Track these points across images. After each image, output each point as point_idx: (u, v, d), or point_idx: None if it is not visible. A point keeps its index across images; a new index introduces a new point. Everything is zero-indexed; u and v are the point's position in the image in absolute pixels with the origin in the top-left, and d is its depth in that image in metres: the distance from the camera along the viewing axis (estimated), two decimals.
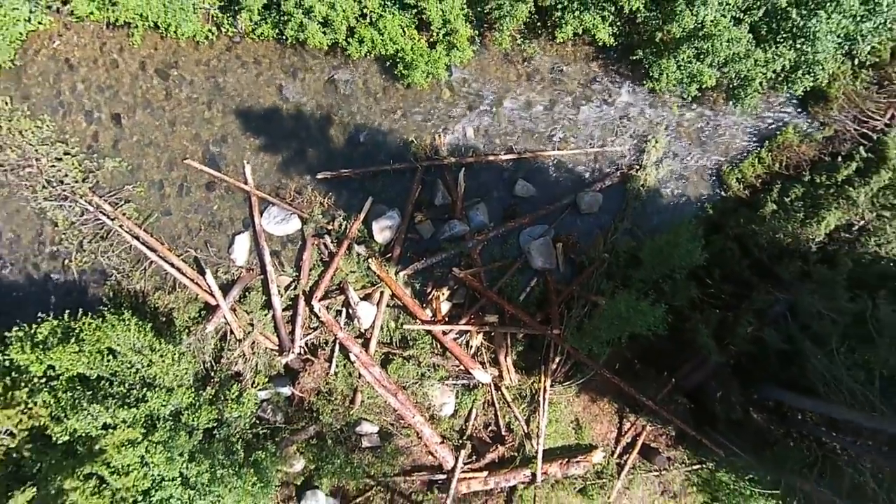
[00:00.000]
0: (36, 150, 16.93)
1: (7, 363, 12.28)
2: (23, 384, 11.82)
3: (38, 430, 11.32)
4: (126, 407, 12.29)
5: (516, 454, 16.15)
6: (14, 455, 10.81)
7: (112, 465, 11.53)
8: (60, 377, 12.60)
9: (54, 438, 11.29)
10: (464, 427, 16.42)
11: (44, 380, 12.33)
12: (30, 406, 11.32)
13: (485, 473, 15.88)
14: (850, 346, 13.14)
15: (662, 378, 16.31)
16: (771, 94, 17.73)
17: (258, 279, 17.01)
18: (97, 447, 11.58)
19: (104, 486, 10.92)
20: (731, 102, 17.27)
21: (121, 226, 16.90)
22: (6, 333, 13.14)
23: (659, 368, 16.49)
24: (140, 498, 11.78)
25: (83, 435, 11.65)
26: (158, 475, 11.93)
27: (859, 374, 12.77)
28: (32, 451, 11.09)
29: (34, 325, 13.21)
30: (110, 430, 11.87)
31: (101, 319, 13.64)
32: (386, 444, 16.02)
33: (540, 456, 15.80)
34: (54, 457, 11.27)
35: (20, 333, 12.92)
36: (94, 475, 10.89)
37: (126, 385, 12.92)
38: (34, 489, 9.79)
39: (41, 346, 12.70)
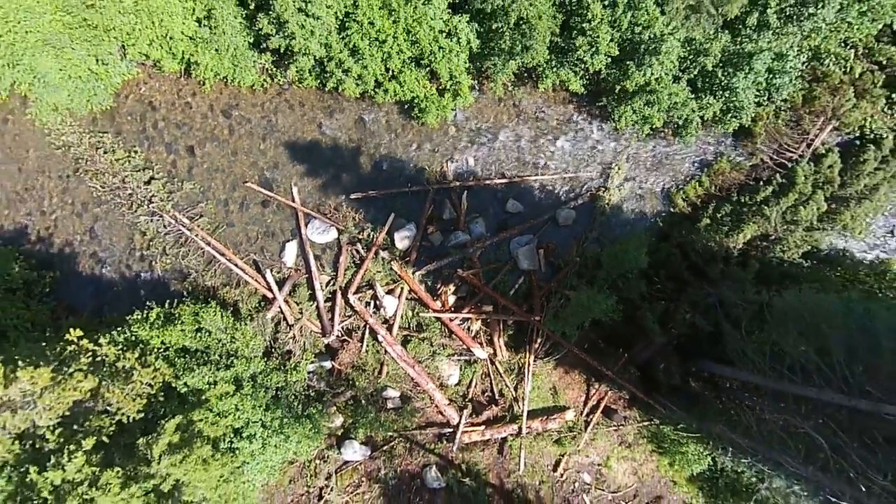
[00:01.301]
0: (130, 176, 21.53)
1: (134, 338, 16.82)
2: (149, 353, 16.37)
3: (165, 384, 15.84)
4: (221, 370, 16.90)
5: (507, 413, 20.77)
6: (152, 401, 15.31)
7: (214, 410, 16.12)
8: (170, 348, 17.20)
9: (178, 389, 15.87)
10: (466, 392, 21.02)
11: (161, 350, 16.89)
12: (157, 367, 15.85)
13: (482, 428, 20.48)
14: (754, 329, 17.71)
15: (619, 354, 20.96)
16: (709, 130, 22.28)
17: (304, 277, 21.59)
18: (203, 397, 16.17)
19: (216, 421, 15.47)
20: (676, 138, 21.90)
21: (196, 235, 21.47)
22: (127, 317, 17.71)
23: (617, 347, 21.11)
24: (233, 434, 16.41)
25: (194, 388, 16.23)
26: (246, 418, 16.54)
27: (758, 349, 17.35)
28: (164, 398, 15.63)
29: (145, 311, 17.81)
30: (212, 386, 16.45)
31: (193, 306, 18.25)
32: (405, 405, 20.61)
33: (525, 414, 20.40)
34: (176, 402, 15.84)
35: (138, 317, 17.50)
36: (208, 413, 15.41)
37: (217, 355, 17.51)
38: (178, 418, 14.26)
39: (154, 326, 17.30)
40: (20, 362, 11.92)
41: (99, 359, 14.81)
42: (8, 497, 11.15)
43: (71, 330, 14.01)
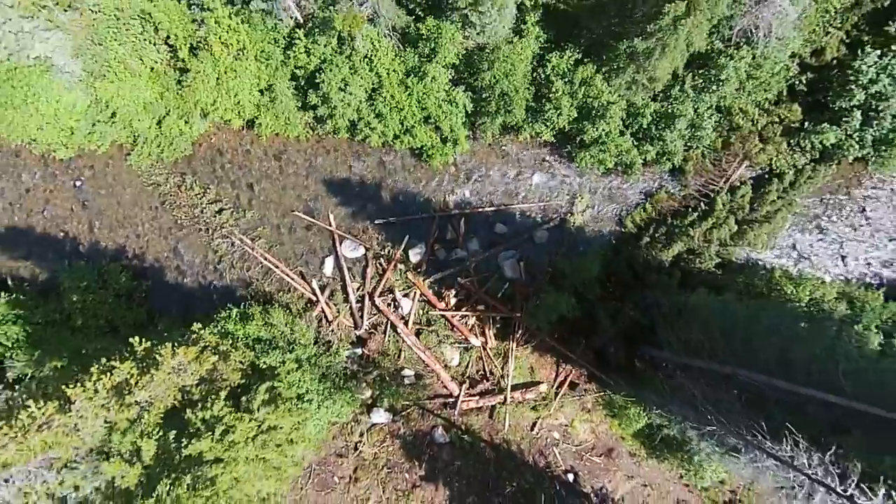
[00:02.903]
0: (205, 207, 28.01)
1: (224, 330, 23.25)
2: (237, 341, 22.81)
3: (251, 362, 22.27)
4: (286, 353, 23.35)
5: (495, 387, 27.24)
6: (246, 373, 21.73)
7: (285, 381, 22.55)
8: (249, 338, 23.64)
9: (260, 366, 22.32)
10: (464, 371, 27.51)
11: (243, 339, 23.34)
12: (244, 351, 22.29)
13: (477, 398, 26.95)
14: (676, 322, 24.12)
15: (580, 342, 27.45)
16: (650, 169, 28.70)
17: (339, 285, 28.08)
18: (277, 372, 22.61)
19: (288, 388, 21.88)
20: (624, 175, 28.38)
21: (256, 252, 27.95)
22: (214, 315, 24.13)
23: (579, 336, 27.56)
24: (297, 398, 22.84)
25: (270, 366, 22.67)
26: (306, 387, 22.97)
27: (677, 336, 23.78)
28: (251, 372, 22.06)
29: (227, 311, 24.24)
30: (282, 364, 22.88)
31: (262, 307, 24.73)
32: (419, 381, 27.10)
33: (509, 388, 26.87)
34: (258, 376, 22.29)
35: (224, 315, 23.94)
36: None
37: (282, 343, 23.98)
38: (266, 384, 20.58)
39: (236, 322, 23.74)
40: (171, 345, 18.27)
41: (206, 343, 21.26)
42: (173, 428, 17.49)
43: (194, 324, 20.46)
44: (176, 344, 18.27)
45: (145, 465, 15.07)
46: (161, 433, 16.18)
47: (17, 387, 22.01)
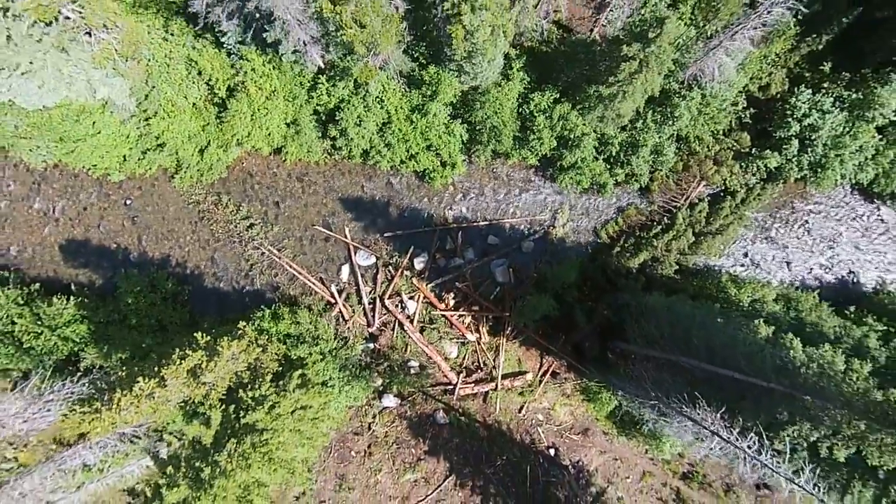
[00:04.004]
0: (238, 222, 32.58)
1: (261, 329, 27.75)
2: (271, 336, 27.34)
3: (284, 355, 26.79)
4: (312, 346, 27.88)
5: (488, 376, 31.79)
6: (280, 363, 26.22)
7: (312, 370, 27.10)
8: (280, 334, 28.19)
9: (291, 357, 26.86)
10: (461, 363, 32.07)
11: (276, 335, 27.88)
12: (277, 345, 26.80)
13: (472, 385, 31.51)
14: (640, 319, 28.69)
15: (561, 337, 32.01)
16: (622, 188, 33.28)
17: (354, 289, 32.64)
18: (305, 362, 27.17)
19: (315, 375, 26.41)
20: (599, 194, 32.97)
21: (282, 261, 32.51)
22: (250, 315, 28.67)
23: (559, 332, 32.13)
24: (322, 384, 27.38)
25: (299, 357, 27.20)
26: (329, 375, 27.54)
27: (640, 331, 28.33)
28: (285, 362, 26.57)
29: (262, 311, 28.78)
30: (309, 356, 27.42)
31: (289, 308, 29.30)
32: (422, 371, 31.65)
33: (499, 377, 31.43)
34: (289, 365, 26.82)
35: (259, 314, 28.48)
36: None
37: (308, 338, 28.53)
38: (299, 371, 25.04)
39: (269, 321, 28.29)
40: (227, 338, 22.78)
41: (249, 339, 25.81)
42: (231, 403, 21.97)
43: (241, 323, 25.02)
44: (228, 338, 22.84)
45: (214, 430, 19.60)
46: (223, 407, 20.73)
47: (90, 374, 26.59)
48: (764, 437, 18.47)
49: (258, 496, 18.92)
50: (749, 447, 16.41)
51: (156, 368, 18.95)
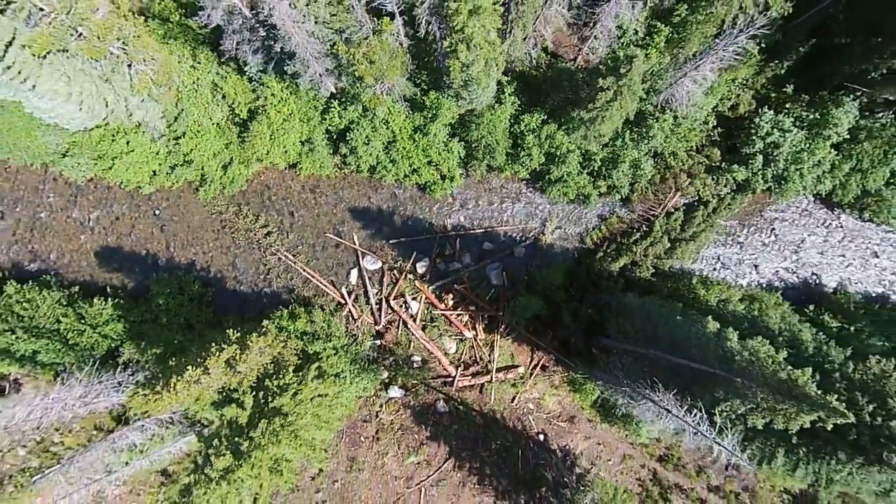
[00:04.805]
0: (256, 230, 35.94)
1: (281, 326, 31.08)
2: (290, 333, 30.66)
3: (302, 349, 30.11)
4: (326, 342, 31.23)
5: (484, 369, 35.15)
6: (299, 357, 29.52)
7: (326, 363, 30.44)
8: (297, 331, 31.53)
9: (308, 352, 30.18)
10: (460, 357, 35.43)
11: (294, 332, 31.22)
12: (295, 341, 30.12)
13: (469, 378, 34.86)
14: (619, 317, 32.04)
15: (549, 334, 35.38)
16: (604, 198, 36.65)
17: (362, 290, 36.00)
18: (320, 356, 30.50)
19: (329, 367, 29.75)
20: (584, 204, 36.35)
21: (297, 266, 35.86)
22: (269, 314, 32.01)
23: (548, 329, 35.49)
24: (335, 375, 30.74)
25: (315, 352, 30.54)
26: (342, 367, 30.88)
27: (619, 328, 31.67)
28: (302, 356, 29.89)
29: (280, 311, 32.13)
30: (324, 350, 30.71)
31: (304, 308, 32.67)
32: (425, 365, 35.00)
33: (494, 370, 34.78)
34: (306, 359, 30.15)
35: (279, 314, 31.83)
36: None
37: (322, 335, 31.86)
38: (316, 364, 28.33)
39: (287, 319, 31.64)
40: (255, 334, 26.09)
41: (272, 335, 29.15)
42: (260, 390, 25.35)
43: (265, 321, 28.36)
44: (255, 334, 26.20)
45: (248, 412, 22.95)
46: (254, 393, 24.10)
47: (128, 367, 29.92)
48: (704, 412, 21.85)
49: (286, 468, 22.27)
50: (692, 421, 19.75)
51: (198, 359, 22.30)
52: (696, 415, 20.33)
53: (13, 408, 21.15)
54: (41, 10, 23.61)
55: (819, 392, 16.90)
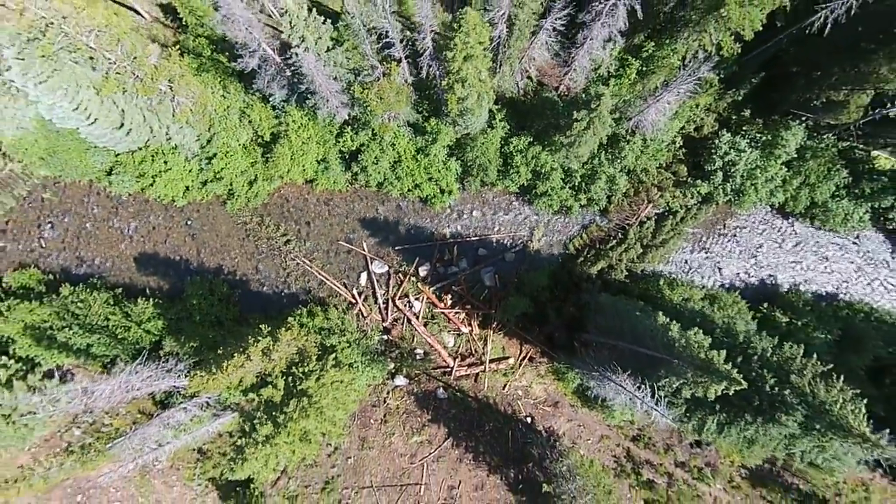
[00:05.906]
0: (277, 239, 40.66)
1: (301, 323, 35.77)
2: (309, 329, 35.35)
3: (321, 343, 34.76)
4: (341, 337, 35.93)
5: (478, 361, 39.88)
6: (318, 349, 34.14)
7: (341, 354, 35.12)
8: (315, 327, 36.24)
9: (326, 345, 34.87)
10: (457, 350, 40.16)
11: (313, 328, 35.93)
12: (314, 335, 34.78)
13: (466, 368, 39.59)
14: (596, 314, 36.78)
15: (536, 329, 40.14)
16: (585, 209, 41.40)
17: (371, 292, 40.72)
18: (336, 349, 35.19)
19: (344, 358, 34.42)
20: (567, 214, 41.13)
21: (313, 269, 40.57)
22: (291, 312, 36.71)
23: (535, 325, 40.24)
24: (349, 365, 35.47)
25: (332, 345, 35.23)
26: (355, 359, 35.58)
27: (597, 324, 36.39)
28: (321, 348, 34.53)
29: (300, 310, 36.84)
30: (339, 343, 35.44)
31: (320, 307, 37.41)
32: (426, 357, 39.74)
33: (487, 361, 39.52)
34: (323, 351, 34.82)
35: (299, 312, 36.54)
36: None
37: (337, 330, 36.60)
38: (334, 354, 32.94)
39: (306, 317, 36.35)
40: (283, 329, 30.78)
41: (295, 329, 33.86)
42: (288, 376, 30.02)
43: (289, 318, 33.07)
44: (283, 329, 30.94)
45: (281, 392, 27.69)
46: (284, 378, 28.81)
47: (170, 358, 34.60)
48: (652, 387, 26.64)
49: (313, 439, 27.01)
50: (640, 395, 24.51)
51: (241, 348, 27.02)
52: (643, 390, 25.08)
53: (100, 386, 25.69)
54: (109, 59, 28.33)
55: (726, 367, 21.78)
